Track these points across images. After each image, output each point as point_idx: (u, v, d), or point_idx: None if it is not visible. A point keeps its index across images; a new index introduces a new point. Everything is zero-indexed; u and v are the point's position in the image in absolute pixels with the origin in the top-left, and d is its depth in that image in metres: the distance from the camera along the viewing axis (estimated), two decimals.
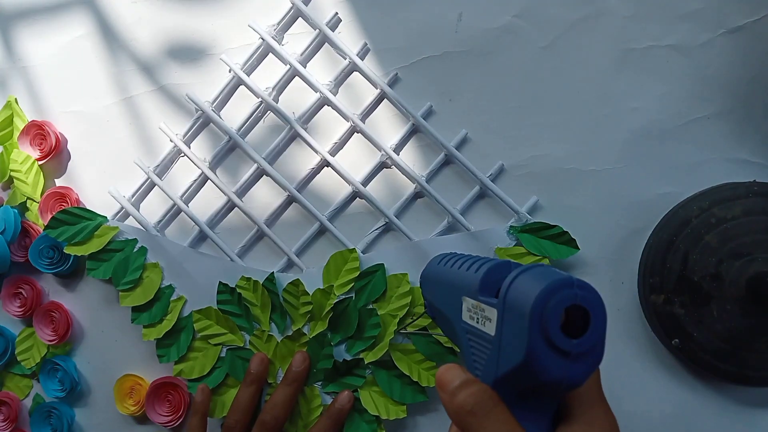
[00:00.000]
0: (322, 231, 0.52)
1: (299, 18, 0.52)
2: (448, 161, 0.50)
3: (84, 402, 0.58)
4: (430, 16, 0.50)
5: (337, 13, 0.51)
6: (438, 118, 0.50)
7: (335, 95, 0.52)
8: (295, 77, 0.52)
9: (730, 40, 0.45)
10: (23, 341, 0.58)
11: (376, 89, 0.51)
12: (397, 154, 0.51)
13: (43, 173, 0.57)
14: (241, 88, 0.53)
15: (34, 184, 0.57)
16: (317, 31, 0.51)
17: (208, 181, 0.54)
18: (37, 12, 0.58)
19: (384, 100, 0.51)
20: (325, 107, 0.52)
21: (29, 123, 0.57)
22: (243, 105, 0.53)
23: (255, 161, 0.53)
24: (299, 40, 0.52)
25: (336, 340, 0.51)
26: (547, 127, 0.48)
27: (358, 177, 0.51)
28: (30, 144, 0.57)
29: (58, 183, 0.58)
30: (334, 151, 0.52)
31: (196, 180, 0.54)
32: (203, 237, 0.54)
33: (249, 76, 0.53)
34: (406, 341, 0.50)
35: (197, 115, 0.54)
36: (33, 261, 0.56)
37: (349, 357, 0.51)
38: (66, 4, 0.57)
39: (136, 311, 0.54)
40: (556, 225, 0.47)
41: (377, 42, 0.51)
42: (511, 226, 0.48)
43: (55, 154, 0.56)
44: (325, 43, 0.52)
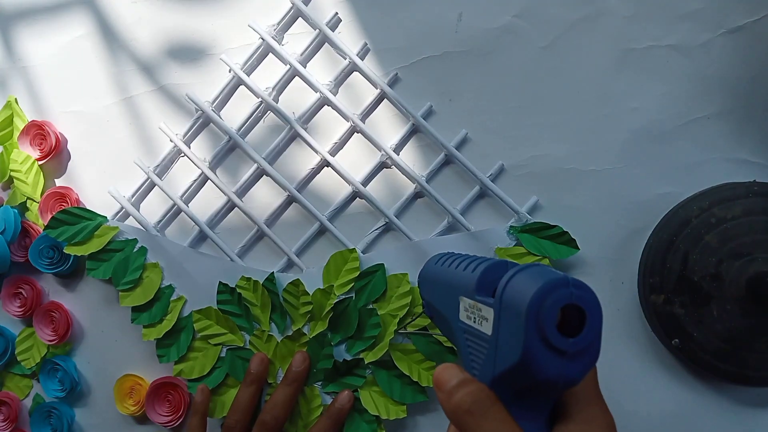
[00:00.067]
0: (322, 231, 0.52)
1: (299, 18, 0.52)
2: (448, 161, 0.50)
3: (84, 402, 0.58)
4: (430, 16, 0.50)
5: (337, 13, 0.51)
6: (438, 118, 0.50)
7: (335, 95, 0.52)
8: (295, 77, 0.52)
9: (730, 40, 0.45)
10: (23, 341, 0.58)
11: (376, 89, 0.51)
12: (397, 154, 0.51)
13: (43, 173, 0.57)
14: (241, 88, 0.53)
15: (34, 184, 0.57)
16: (317, 31, 0.51)
17: (208, 181, 0.54)
18: (37, 12, 0.58)
19: (384, 100, 0.51)
20: (325, 107, 0.52)
21: (29, 123, 0.57)
22: (243, 105, 0.53)
23: (255, 161, 0.53)
24: (299, 40, 0.52)
25: (336, 340, 0.51)
26: (547, 127, 0.48)
27: (358, 177, 0.51)
28: (30, 144, 0.57)
29: (58, 183, 0.58)
30: (334, 151, 0.52)
31: (196, 180, 0.54)
32: (203, 237, 0.54)
33: (249, 76, 0.53)
34: (406, 341, 0.50)
35: (197, 115, 0.54)
36: (33, 261, 0.56)
37: (349, 357, 0.51)
38: (66, 4, 0.57)
39: (136, 311, 0.54)
40: (556, 225, 0.47)
41: (377, 42, 0.51)
42: (511, 226, 0.48)
43: (55, 154, 0.56)
44: (325, 43, 0.52)
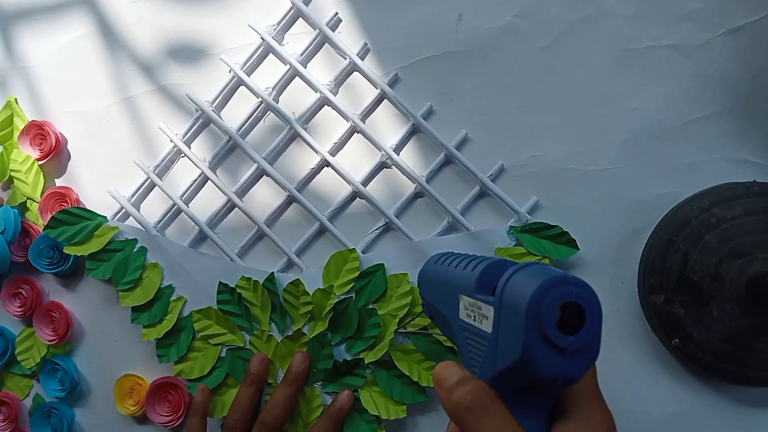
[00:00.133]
0: (322, 231, 0.52)
1: (299, 18, 0.52)
2: (448, 161, 0.50)
3: (84, 402, 0.58)
4: (430, 16, 0.50)
5: (337, 13, 0.51)
6: (438, 118, 0.50)
7: (335, 95, 0.52)
8: (295, 77, 0.52)
9: (730, 40, 0.45)
10: (23, 341, 0.58)
11: (376, 89, 0.51)
12: (397, 154, 0.51)
13: (43, 173, 0.57)
14: (241, 88, 0.53)
15: (34, 184, 0.57)
16: (317, 31, 0.51)
17: (208, 181, 0.54)
18: (37, 12, 0.58)
19: (384, 100, 0.51)
20: (325, 107, 0.52)
21: (29, 123, 0.57)
22: (243, 105, 0.53)
23: (255, 161, 0.53)
24: (299, 40, 0.52)
25: (336, 340, 0.51)
26: (547, 127, 0.48)
27: (358, 177, 0.51)
28: (30, 144, 0.57)
29: (58, 183, 0.58)
30: (334, 151, 0.52)
31: (196, 180, 0.54)
32: (203, 237, 0.54)
33: (249, 76, 0.53)
34: (406, 341, 0.50)
35: (197, 115, 0.54)
36: (33, 261, 0.56)
37: (349, 357, 0.51)
38: (66, 4, 0.57)
39: (136, 311, 0.54)
40: (556, 225, 0.47)
41: (377, 42, 0.51)
42: (511, 226, 0.48)
43: (55, 154, 0.56)
44: (325, 43, 0.52)
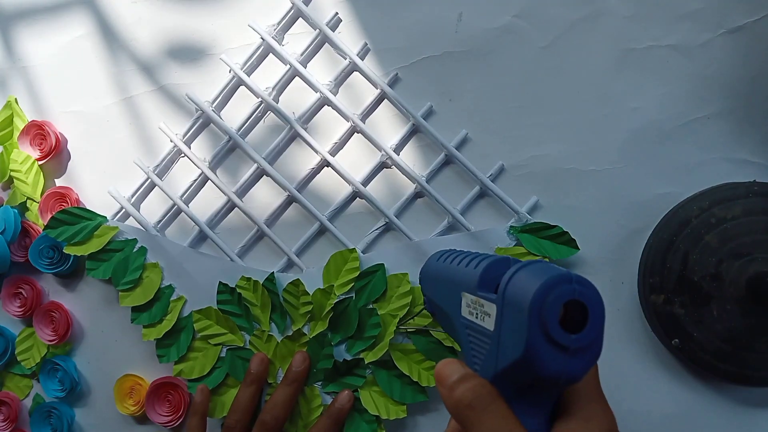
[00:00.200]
0: (322, 231, 0.52)
1: (299, 18, 0.52)
2: (448, 161, 0.50)
3: (84, 402, 0.58)
4: (430, 16, 0.50)
5: (337, 13, 0.51)
6: (438, 118, 0.50)
7: (335, 95, 0.52)
8: (295, 77, 0.52)
9: (730, 40, 0.45)
10: (23, 341, 0.58)
11: (376, 89, 0.51)
12: (397, 154, 0.51)
13: (43, 173, 0.57)
14: (241, 88, 0.53)
15: (34, 184, 0.57)
16: (317, 31, 0.51)
17: (208, 181, 0.54)
18: (37, 12, 0.58)
19: (384, 100, 0.51)
20: (325, 107, 0.52)
21: (29, 123, 0.57)
22: (243, 105, 0.53)
23: (255, 161, 0.53)
24: (299, 40, 0.52)
25: (336, 340, 0.51)
26: (547, 127, 0.48)
27: (358, 177, 0.51)
28: (30, 144, 0.57)
29: (58, 183, 0.58)
30: (334, 151, 0.52)
31: (196, 180, 0.54)
32: (203, 237, 0.54)
33: (249, 76, 0.53)
34: (406, 341, 0.50)
35: (197, 115, 0.54)
36: (33, 261, 0.56)
37: (349, 357, 0.51)
38: (66, 4, 0.57)
39: (136, 311, 0.54)
40: (556, 225, 0.47)
41: (377, 42, 0.51)
42: (511, 226, 0.48)
43: (55, 154, 0.56)
44: (325, 43, 0.52)
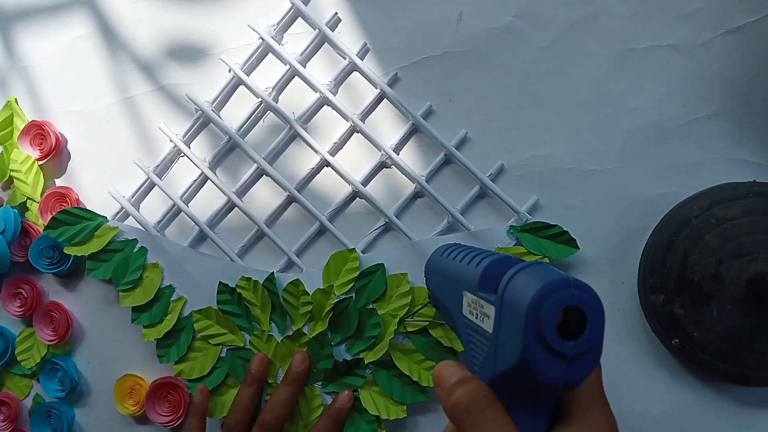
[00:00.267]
0: (322, 231, 0.52)
1: (299, 18, 0.52)
2: (448, 161, 0.50)
3: (84, 402, 0.58)
4: (430, 16, 0.50)
5: (337, 13, 0.51)
6: (438, 118, 0.50)
7: (335, 95, 0.51)
8: (295, 77, 0.52)
9: (730, 40, 0.45)
10: (23, 341, 0.58)
11: (376, 89, 0.51)
12: (397, 154, 0.51)
13: (43, 173, 0.57)
14: (241, 88, 0.53)
15: (34, 184, 0.57)
16: (317, 31, 0.51)
17: (208, 181, 0.54)
18: (37, 12, 0.58)
19: (384, 100, 0.51)
20: (325, 107, 0.52)
21: (29, 123, 0.57)
22: (243, 105, 0.53)
23: (255, 161, 0.53)
24: (299, 40, 0.52)
25: (336, 340, 0.51)
26: (547, 127, 0.48)
27: (358, 177, 0.51)
28: (30, 144, 0.57)
29: (58, 183, 0.58)
30: (334, 151, 0.52)
31: (196, 180, 0.54)
32: (203, 237, 0.54)
33: (249, 76, 0.53)
34: (406, 341, 0.50)
35: (197, 115, 0.54)
36: (33, 261, 0.56)
37: (349, 357, 0.51)
38: (66, 4, 0.57)
39: (136, 311, 0.54)
40: (556, 225, 0.47)
41: (377, 42, 0.51)
42: (511, 225, 0.48)
43: (55, 154, 0.56)
44: (325, 43, 0.52)
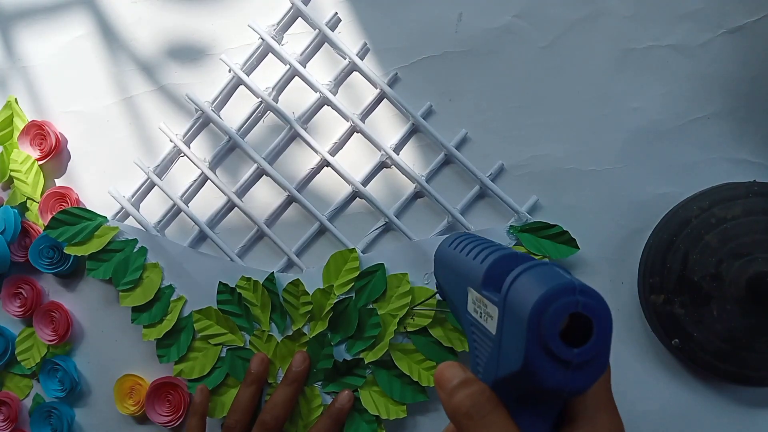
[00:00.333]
0: (322, 231, 0.52)
1: (299, 18, 0.52)
2: (448, 161, 0.50)
3: (84, 402, 0.58)
4: (430, 16, 0.50)
5: (337, 13, 0.51)
6: (438, 118, 0.50)
7: (335, 95, 0.51)
8: (295, 77, 0.52)
9: (730, 40, 0.45)
10: (23, 341, 0.58)
11: (376, 89, 0.51)
12: (397, 154, 0.51)
13: (43, 173, 0.57)
14: (241, 88, 0.53)
15: (34, 184, 0.57)
16: (317, 31, 0.51)
17: (208, 181, 0.54)
18: (37, 12, 0.58)
19: (384, 100, 0.51)
20: (325, 107, 0.52)
21: (29, 123, 0.57)
22: (243, 105, 0.53)
23: (255, 161, 0.53)
24: (299, 40, 0.52)
25: (336, 340, 0.51)
26: (547, 127, 0.48)
27: (358, 177, 0.51)
28: (30, 144, 0.57)
29: (58, 183, 0.58)
30: (334, 151, 0.52)
31: (196, 180, 0.54)
32: (203, 237, 0.54)
33: (249, 76, 0.53)
34: (406, 341, 0.50)
35: (197, 115, 0.54)
36: (33, 261, 0.56)
37: (349, 357, 0.51)
38: (66, 4, 0.57)
39: (136, 311, 0.54)
40: (556, 224, 0.47)
41: (377, 42, 0.51)
42: (511, 225, 0.48)
43: (55, 154, 0.56)
44: (325, 43, 0.52)
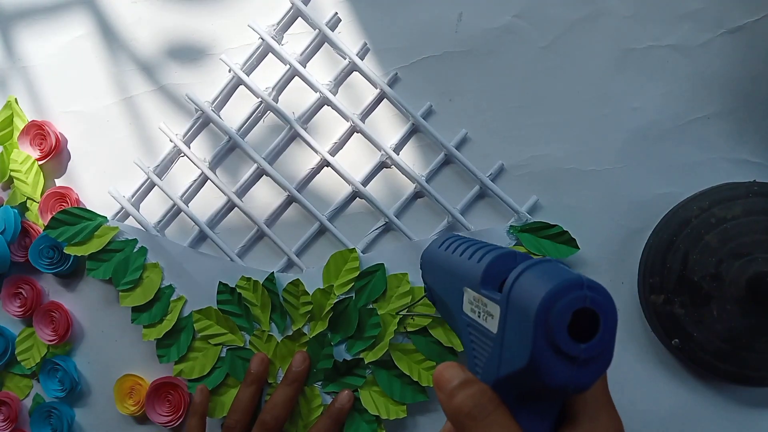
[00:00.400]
0: (322, 231, 0.52)
1: (299, 18, 0.52)
2: (448, 161, 0.50)
3: (84, 402, 0.58)
4: (430, 16, 0.50)
5: (337, 13, 0.51)
6: (438, 118, 0.50)
7: (335, 95, 0.51)
8: (295, 77, 0.52)
9: (730, 40, 0.45)
10: (23, 341, 0.58)
11: (376, 89, 0.51)
12: (397, 153, 0.51)
13: (43, 173, 0.57)
14: (241, 88, 0.53)
15: (34, 184, 0.57)
16: (317, 31, 0.51)
17: (208, 181, 0.54)
18: (37, 12, 0.58)
19: (384, 100, 0.51)
20: (325, 107, 0.52)
21: (29, 123, 0.57)
22: (243, 105, 0.53)
23: (255, 161, 0.53)
24: (299, 40, 0.52)
25: (336, 340, 0.51)
26: (547, 127, 0.48)
27: (358, 177, 0.51)
28: (30, 144, 0.57)
29: (58, 183, 0.58)
30: (334, 151, 0.52)
31: (196, 180, 0.54)
32: (203, 237, 0.54)
33: (249, 76, 0.53)
34: (406, 341, 0.50)
35: (197, 115, 0.54)
36: (33, 261, 0.56)
37: (349, 357, 0.51)
38: (66, 4, 0.57)
39: (136, 311, 0.54)
40: (556, 224, 0.47)
41: (377, 42, 0.51)
42: (511, 225, 0.48)
43: (55, 154, 0.56)
44: (325, 43, 0.52)
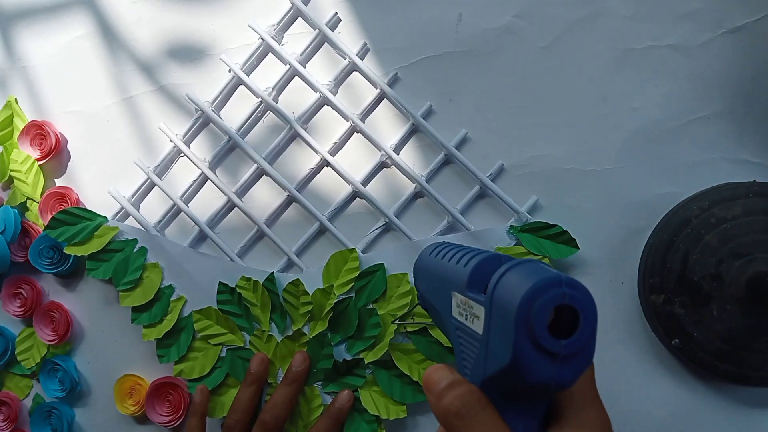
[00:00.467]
0: (322, 231, 0.52)
1: (299, 18, 0.52)
2: (448, 161, 0.50)
3: (84, 402, 0.58)
4: (430, 16, 0.50)
5: (337, 13, 0.51)
6: (438, 118, 0.50)
7: (335, 95, 0.52)
8: (295, 77, 0.52)
9: (730, 40, 0.45)
10: (23, 341, 0.58)
11: (375, 89, 0.51)
12: (397, 154, 0.51)
13: (43, 173, 0.57)
14: (241, 88, 0.53)
15: (34, 184, 0.57)
16: (317, 31, 0.51)
17: (208, 181, 0.54)
18: (37, 12, 0.58)
19: (384, 100, 0.51)
20: (325, 107, 0.52)
21: (29, 123, 0.57)
22: (243, 105, 0.53)
23: (255, 161, 0.53)
24: (299, 40, 0.52)
25: (336, 340, 0.51)
26: (547, 127, 0.48)
27: (358, 177, 0.51)
28: (30, 144, 0.57)
29: (58, 183, 0.58)
30: (334, 151, 0.52)
31: (196, 180, 0.54)
32: (203, 237, 0.54)
33: (249, 76, 0.53)
34: (406, 341, 0.50)
35: (197, 115, 0.54)
36: (33, 261, 0.56)
37: (349, 357, 0.51)
38: (66, 4, 0.57)
39: (136, 311, 0.54)
40: (556, 224, 0.47)
41: (377, 42, 0.51)
42: (511, 225, 0.48)
43: (55, 154, 0.56)
44: (325, 43, 0.52)
